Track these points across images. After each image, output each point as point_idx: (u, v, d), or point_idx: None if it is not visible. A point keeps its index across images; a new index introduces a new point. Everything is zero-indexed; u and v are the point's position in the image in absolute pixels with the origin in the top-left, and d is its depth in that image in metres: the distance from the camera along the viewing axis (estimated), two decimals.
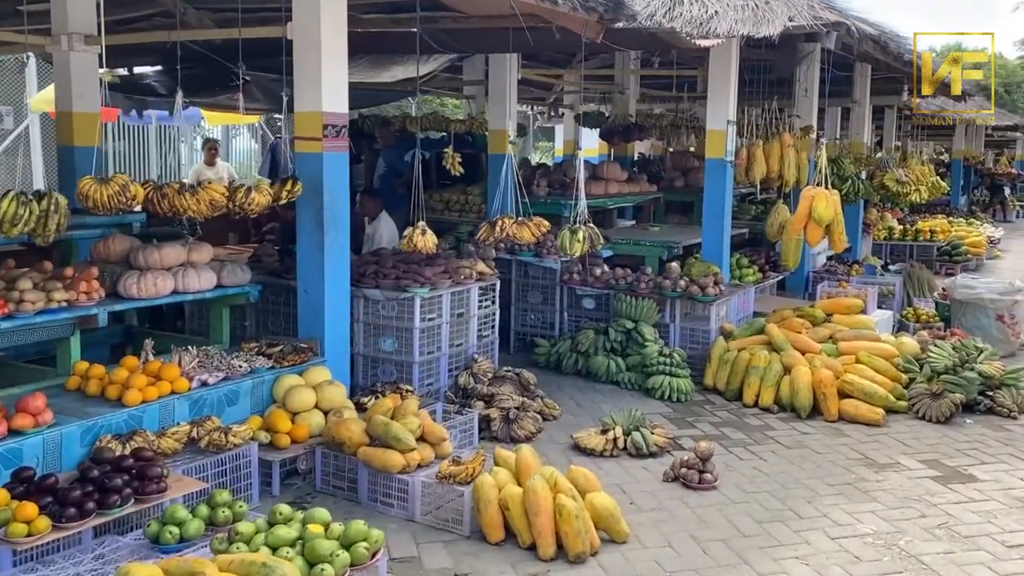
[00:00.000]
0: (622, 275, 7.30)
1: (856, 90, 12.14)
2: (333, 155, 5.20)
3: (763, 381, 6.42)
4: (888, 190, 10.28)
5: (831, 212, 6.49)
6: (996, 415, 6.29)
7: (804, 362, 6.41)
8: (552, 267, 7.57)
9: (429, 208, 9.57)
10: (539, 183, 8.91)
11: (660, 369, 6.61)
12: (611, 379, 6.88)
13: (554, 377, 7.05)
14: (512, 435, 5.49)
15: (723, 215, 7.82)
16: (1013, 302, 8.14)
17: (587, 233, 5.98)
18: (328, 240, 5.18)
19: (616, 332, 6.99)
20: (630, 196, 9.72)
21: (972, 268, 14.36)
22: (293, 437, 4.67)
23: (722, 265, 7.83)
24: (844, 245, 6.68)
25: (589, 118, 10.64)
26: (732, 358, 6.66)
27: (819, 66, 9.81)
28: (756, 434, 5.84)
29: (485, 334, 6.38)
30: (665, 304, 7.10)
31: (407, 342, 5.71)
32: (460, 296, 6.04)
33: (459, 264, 6.09)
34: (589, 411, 6.22)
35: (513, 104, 8.69)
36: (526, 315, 7.77)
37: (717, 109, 7.72)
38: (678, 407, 6.40)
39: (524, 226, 5.86)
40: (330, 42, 5.09)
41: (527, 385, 6.15)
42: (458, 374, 6.01)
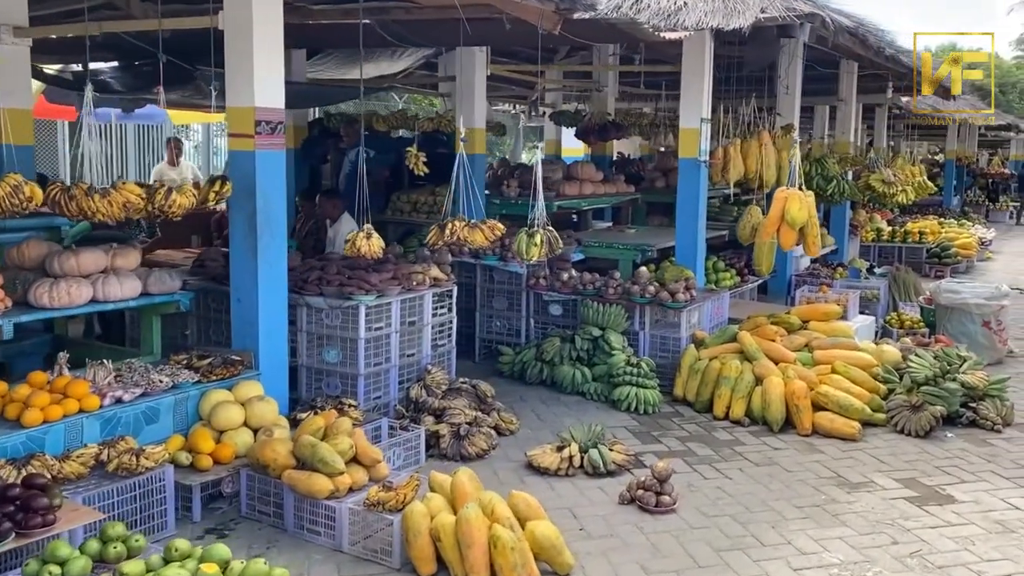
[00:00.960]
0: (590, 280, 6.96)
1: (842, 88, 11.81)
2: (268, 153, 4.85)
3: (734, 392, 6.09)
4: (874, 191, 9.95)
5: (805, 214, 6.16)
6: (979, 428, 5.96)
7: (777, 372, 6.08)
8: (518, 271, 7.23)
9: (397, 210, 9.29)
10: (509, 183, 8.58)
11: (627, 380, 6.27)
12: (577, 390, 6.54)
13: (518, 387, 6.72)
14: (462, 453, 5.15)
15: (697, 217, 7.48)
16: (999, 307, 7.82)
17: (545, 236, 5.64)
18: (262, 245, 4.84)
19: (583, 340, 6.66)
20: (606, 197, 9.38)
21: (962, 270, 14.05)
22: (217, 458, 4.33)
23: (696, 269, 7.50)
24: (819, 250, 6.35)
25: (565, 116, 10.31)
26: (702, 367, 6.33)
27: (802, 62, 9.52)
28: (724, 450, 5.50)
29: (441, 343, 6.04)
30: (635, 310, 6.77)
31: (352, 353, 5.36)
32: (412, 303, 5.70)
33: (411, 270, 5.74)
34: (550, 425, 5.88)
35: (482, 101, 8.37)
36: (492, 322, 7.43)
37: (690, 106, 7.38)
38: (645, 420, 6.07)
39: (477, 229, 5.52)
40: (264, 32, 4.74)
41: (484, 397, 5.81)
42: (410, 386, 5.67)
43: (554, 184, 8.70)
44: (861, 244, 13.90)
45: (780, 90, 9.47)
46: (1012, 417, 6.10)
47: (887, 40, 7.96)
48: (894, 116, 18.55)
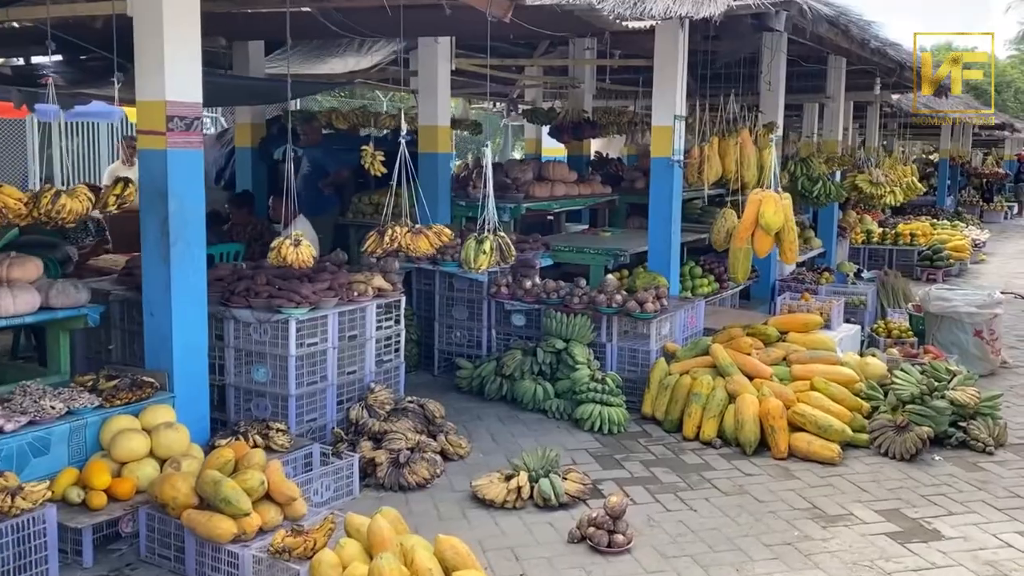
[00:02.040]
0: (554, 288, 6.50)
1: (830, 85, 11.37)
2: (182, 152, 4.38)
3: (705, 410, 5.63)
4: (861, 192, 9.50)
5: (781, 218, 5.70)
6: (970, 450, 5.51)
7: (751, 389, 5.62)
8: (479, 279, 6.76)
9: (358, 212, 8.82)
10: (476, 184, 8.10)
11: (590, 397, 5.81)
12: (538, 407, 6.08)
13: (476, 404, 6.25)
14: (402, 483, 4.68)
15: (670, 220, 7.02)
16: (992, 316, 7.37)
17: (496, 243, 5.17)
18: (176, 253, 4.37)
19: (545, 353, 6.19)
20: (580, 199, 8.93)
21: (955, 273, 13.62)
22: (114, 494, 3.86)
23: (670, 276, 7.04)
24: (796, 257, 5.90)
25: (538, 114, 9.85)
26: (672, 383, 5.87)
27: (785, 57, 9.08)
28: (691, 476, 5.04)
29: (387, 359, 5.57)
30: (601, 321, 6.30)
31: (282, 371, 4.89)
32: (352, 316, 5.23)
33: (352, 279, 5.27)
34: (506, 447, 5.42)
35: (446, 97, 7.90)
36: (451, 332, 6.96)
37: (663, 103, 6.91)
38: (609, 441, 5.61)
39: (421, 235, 5.06)
40: (177, 17, 4.27)
41: (432, 418, 5.35)
42: (350, 407, 5.20)
43: (524, 185, 8.26)
44: (851, 246, 13.46)
45: (762, 87, 9.04)
46: (1005, 437, 5.65)
47: (872, 32, 7.50)
48: (886, 115, 18.16)
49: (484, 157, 5.41)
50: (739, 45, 6.12)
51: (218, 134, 9.99)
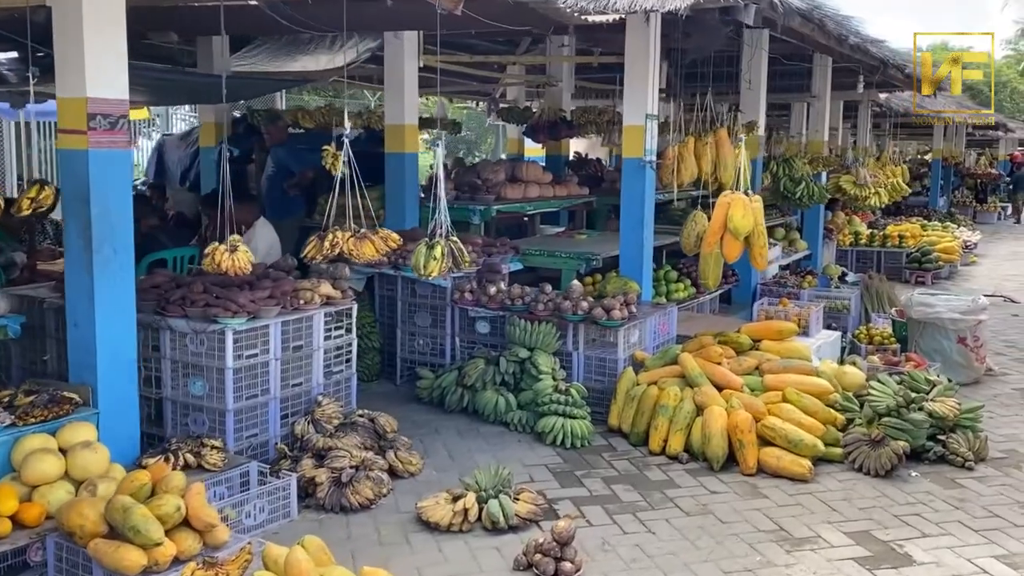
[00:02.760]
0: (518, 294, 6.23)
1: (815, 84, 11.13)
2: (106, 153, 4.11)
3: (672, 423, 5.37)
4: (845, 193, 9.25)
5: (750, 222, 5.43)
6: (949, 464, 5.25)
7: (720, 401, 5.36)
8: (442, 284, 6.49)
9: (321, 213, 8.53)
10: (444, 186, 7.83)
11: (553, 409, 5.55)
12: (500, 419, 5.82)
13: (436, 416, 5.99)
14: (343, 504, 4.42)
15: (642, 224, 6.76)
16: (976, 322, 7.12)
17: (448, 249, 4.91)
18: (100, 260, 4.10)
19: (508, 362, 5.93)
20: (555, 200, 8.65)
21: (945, 276, 13.38)
22: (21, 520, 3.59)
23: (642, 281, 6.78)
24: (766, 263, 5.63)
25: (513, 113, 9.58)
26: (639, 394, 5.61)
27: (766, 55, 8.82)
28: (654, 494, 4.78)
29: (338, 370, 5.30)
30: (567, 329, 6.04)
31: (219, 385, 4.62)
32: (297, 325, 4.96)
33: (297, 286, 5.00)
34: (461, 463, 5.15)
35: (413, 95, 7.62)
36: (414, 340, 6.69)
37: (634, 101, 6.65)
38: (571, 456, 5.34)
39: (366, 240, 4.80)
40: (99, 7, 4.00)
41: (383, 433, 5.08)
42: (296, 421, 4.94)
43: (495, 186, 7.99)
44: (838, 248, 13.21)
45: (742, 85, 8.79)
46: (986, 451, 5.40)
47: (851, 28, 7.24)
48: (877, 114, 17.92)
49: (435, 156, 5.14)
50: (708, 40, 5.86)
51: (182, 134, 9.73)
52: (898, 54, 8.95)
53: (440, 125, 11.64)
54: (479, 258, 6.74)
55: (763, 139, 9.05)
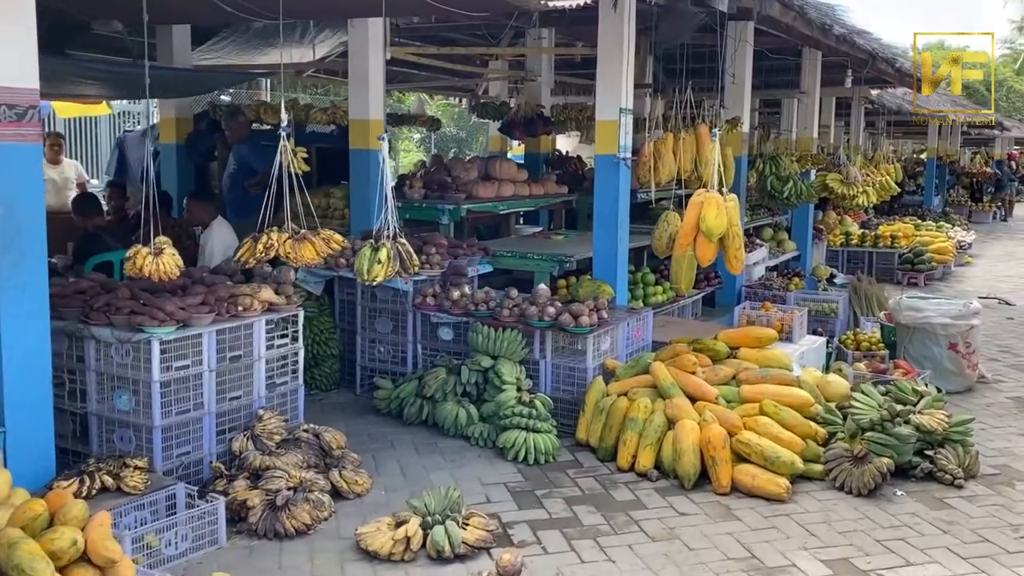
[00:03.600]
0: (483, 299, 5.88)
1: (804, 79, 10.80)
2: (13, 147, 3.73)
3: (641, 438, 5.03)
4: (832, 191, 8.91)
5: (723, 222, 5.08)
6: (937, 482, 4.91)
7: (692, 414, 5.02)
8: (403, 288, 6.15)
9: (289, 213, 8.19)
10: (413, 184, 7.50)
11: (516, 423, 5.19)
12: (460, 432, 5.47)
13: (393, 429, 5.64)
14: (277, 529, 4.06)
15: (616, 224, 6.41)
16: (968, 328, 6.78)
17: (395, 251, 4.55)
18: (6, 265, 3.73)
19: (470, 372, 5.58)
20: (531, 199, 8.29)
21: (938, 277, 13.06)
22: None
23: (616, 284, 6.44)
24: (741, 266, 5.28)
25: (488, 109, 9.22)
26: (608, 406, 5.26)
27: (751, 48, 8.48)
28: (618, 517, 4.43)
29: (282, 381, 4.94)
30: (534, 336, 5.69)
31: (147, 399, 4.27)
32: (235, 334, 4.60)
33: (235, 292, 4.64)
34: (415, 482, 4.80)
35: (378, 88, 7.25)
36: (375, 347, 6.34)
37: (607, 95, 6.31)
38: (533, 473, 4.99)
39: (306, 243, 4.44)
40: None
41: (328, 450, 4.73)
42: (233, 437, 4.58)
43: (466, 184, 7.63)
44: (828, 249, 12.88)
45: (727, 80, 8.45)
46: (976, 468, 5.05)
47: (835, 17, 6.89)
48: (871, 112, 17.59)
49: (381, 151, 4.78)
50: (679, 28, 5.52)
51: (143, 130, 9.35)
52: (887, 47, 8.60)
53: (418, 122, 11.40)
54: (443, 260, 6.40)
55: (747, 136, 8.70)
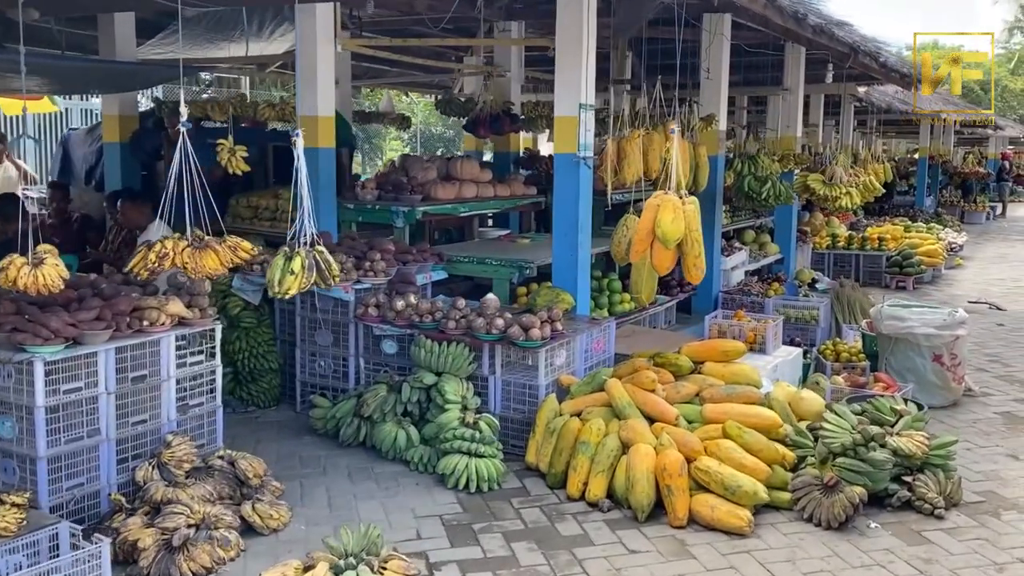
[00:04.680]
0: (427, 309, 5.44)
1: (787, 76, 10.38)
2: None
3: (593, 463, 4.59)
4: (813, 192, 8.48)
5: (680, 227, 4.63)
6: (916, 511, 4.48)
7: (648, 437, 4.58)
8: (344, 297, 5.70)
9: (236, 216, 7.75)
10: (366, 185, 7.05)
11: (457, 446, 4.76)
12: (399, 456, 5.03)
13: (328, 452, 5.19)
14: (172, 574, 3.62)
15: (576, 228, 5.97)
16: (954, 338, 6.35)
17: (310, 260, 4.11)
18: None
19: (412, 390, 5.14)
20: (495, 201, 7.85)
21: (927, 280, 12.64)
22: None
23: (577, 292, 6.01)
24: (700, 274, 4.83)
25: (453, 105, 8.77)
26: (558, 427, 4.83)
27: (727, 42, 8.06)
28: (560, 556, 3.99)
29: (196, 402, 4.49)
30: (483, 350, 5.25)
31: (30, 426, 3.82)
32: (139, 352, 4.16)
33: (139, 304, 4.20)
34: (341, 514, 4.36)
35: (328, 82, 6.80)
36: (316, 361, 5.89)
37: (567, 88, 5.88)
38: (474, 503, 4.55)
39: (208, 251, 3.99)
40: None
41: (245, 479, 4.29)
42: (137, 466, 4.14)
43: (425, 185, 7.19)
44: (814, 251, 12.46)
45: (701, 75, 8.03)
46: (959, 495, 4.62)
47: (811, 7, 6.47)
48: (861, 111, 17.20)
49: (295, 147, 4.34)
50: (635, 14, 5.08)
51: (89, 128, 8.90)
52: (869, 40, 8.17)
53: (386, 120, 10.96)
54: (390, 267, 5.96)
55: (723, 134, 8.28)
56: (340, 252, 5.90)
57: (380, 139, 30.20)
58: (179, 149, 4.07)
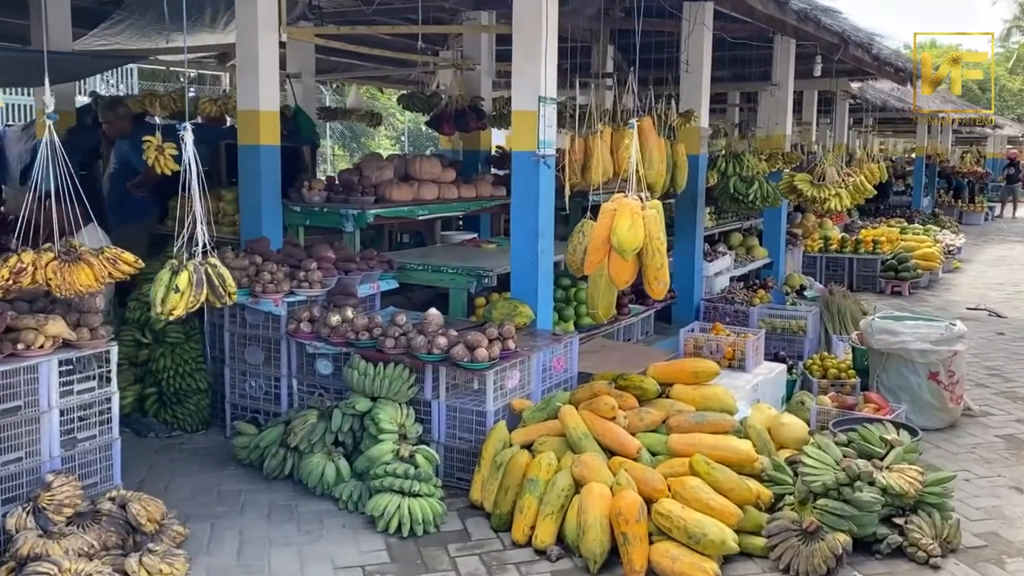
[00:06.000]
0: (364, 325, 4.87)
1: (776, 70, 9.84)
2: None
3: (542, 504, 4.04)
4: (801, 194, 7.94)
5: (639, 236, 4.05)
6: (908, 559, 3.93)
7: (604, 475, 4.02)
8: (274, 312, 5.14)
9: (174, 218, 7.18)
10: (313, 185, 6.48)
11: (389, 484, 4.20)
12: (328, 492, 4.48)
13: (251, 486, 4.63)
14: None
15: (536, 233, 5.42)
16: (951, 354, 5.80)
17: (198, 275, 3.55)
18: None
19: (344, 417, 4.59)
20: (459, 202, 7.27)
21: (923, 285, 12.10)
22: None
23: (537, 304, 5.45)
24: (663, 289, 4.27)
25: (416, 100, 8.21)
26: (505, 461, 4.28)
27: (710, 33, 7.51)
28: None
29: (86, 435, 3.93)
30: (425, 371, 4.70)
31: None
32: (11, 379, 3.60)
33: (14, 324, 3.64)
34: (251, 565, 3.80)
35: (271, 74, 6.23)
36: (246, 381, 5.33)
37: (525, 80, 5.32)
38: (406, 550, 3.99)
39: (80, 264, 3.43)
40: None
41: (137, 526, 3.73)
42: (8, 513, 3.58)
43: (379, 186, 6.63)
44: (806, 255, 11.91)
45: (681, 68, 7.48)
46: (957, 539, 4.07)
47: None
48: (856, 109, 16.66)
49: (184, 144, 3.79)
50: None
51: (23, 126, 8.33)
52: (861, 31, 7.62)
53: (355, 116, 10.39)
54: (328, 277, 5.40)
55: (706, 131, 7.72)
56: (273, 261, 5.35)
57: (369, 138, 29.61)
58: (45, 145, 3.48)
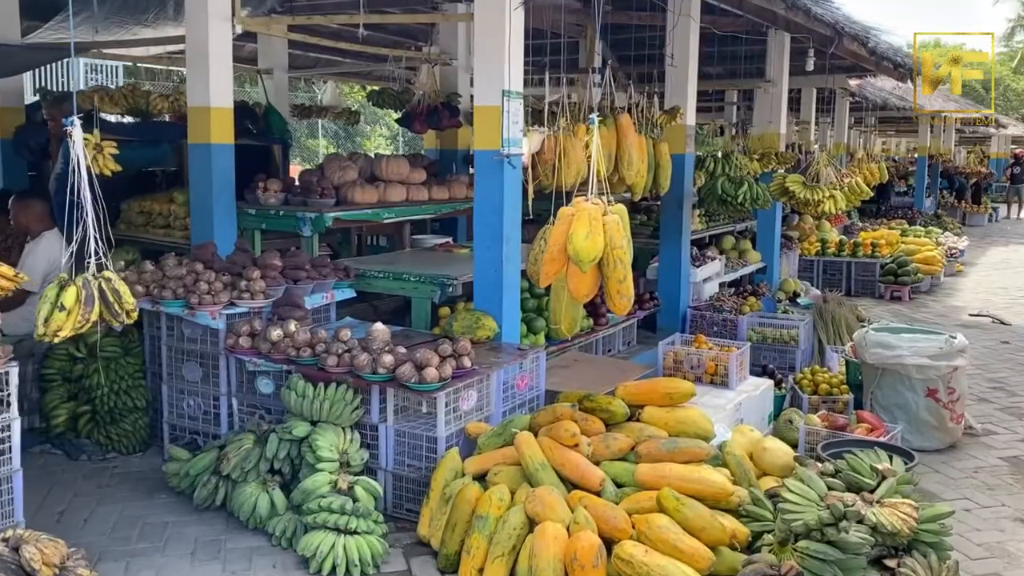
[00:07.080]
0: (306, 341, 4.45)
1: (770, 66, 9.43)
2: None
3: (492, 544, 3.61)
4: (793, 196, 7.51)
5: (598, 245, 3.60)
6: None
7: (560, 511, 3.59)
8: (212, 325, 4.72)
9: (126, 222, 6.78)
10: (267, 186, 6.06)
11: (323, 520, 3.78)
12: (262, 526, 4.06)
13: (181, 518, 4.21)
14: None
15: (500, 239, 5.01)
16: (951, 369, 5.37)
17: (88, 291, 3.13)
18: None
19: (281, 442, 4.17)
20: (429, 205, 6.84)
21: (924, 290, 11.65)
22: None
23: (502, 315, 5.04)
24: (626, 303, 3.81)
25: (386, 97, 7.78)
26: (454, 494, 3.86)
27: (697, 26, 7.09)
28: None
29: None
30: (371, 392, 4.28)
31: None
32: None
33: None
34: None
35: (224, 69, 5.82)
36: (184, 400, 4.91)
37: (487, 73, 4.92)
38: None
39: None
40: None
41: (31, 571, 3.31)
42: None
43: (341, 187, 6.21)
44: (802, 258, 11.47)
45: (666, 63, 7.06)
46: None
47: None
48: (857, 108, 16.23)
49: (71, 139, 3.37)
50: None
51: None
52: (856, 23, 7.19)
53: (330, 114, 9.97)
54: (273, 286, 4.98)
55: (692, 130, 7.30)
56: (214, 269, 4.94)
57: (364, 137, 29.20)
58: None
